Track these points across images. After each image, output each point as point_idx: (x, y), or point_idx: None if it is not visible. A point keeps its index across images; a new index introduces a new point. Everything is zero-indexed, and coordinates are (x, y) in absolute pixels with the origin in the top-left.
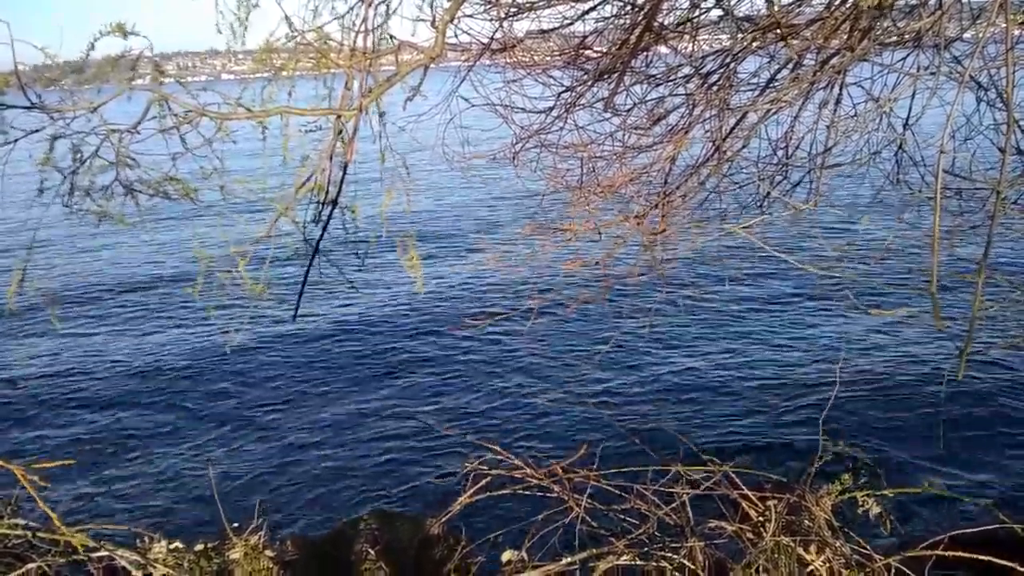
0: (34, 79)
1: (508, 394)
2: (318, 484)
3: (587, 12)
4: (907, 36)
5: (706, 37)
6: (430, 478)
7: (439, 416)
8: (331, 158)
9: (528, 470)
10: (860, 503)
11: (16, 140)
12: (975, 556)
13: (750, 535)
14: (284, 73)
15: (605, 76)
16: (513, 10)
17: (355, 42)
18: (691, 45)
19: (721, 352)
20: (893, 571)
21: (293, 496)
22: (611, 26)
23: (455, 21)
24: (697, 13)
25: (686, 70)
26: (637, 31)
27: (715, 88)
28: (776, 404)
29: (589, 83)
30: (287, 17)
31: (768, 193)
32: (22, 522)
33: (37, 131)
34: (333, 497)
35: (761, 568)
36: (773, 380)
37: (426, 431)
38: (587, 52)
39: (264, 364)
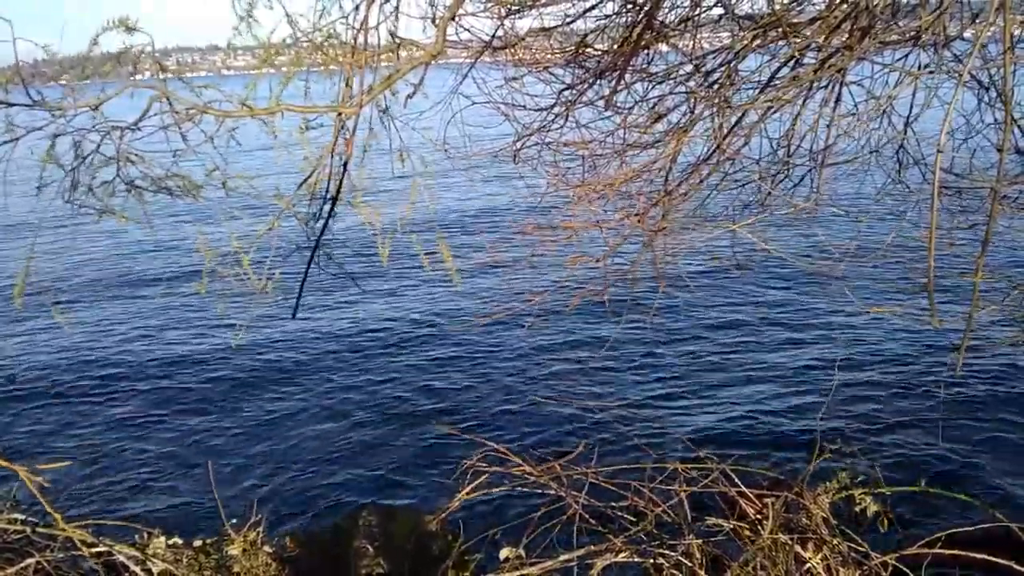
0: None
1: (507, 391)
2: (317, 480)
3: (588, 10)
4: (907, 35)
5: (707, 35)
6: (428, 474)
7: (438, 413)
8: (332, 155)
9: (526, 467)
10: (857, 501)
11: (18, 138)
12: (972, 555)
13: (748, 532)
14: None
15: (606, 74)
16: (514, 8)
17: (356, 40)
18: (692, 43)
19: (720, 350)
20: (890, 569)
21: (292, 492)
22: (612, 24)
23: (456, 19)
24: (698, 11)
25: (687, 68)
26: (638, 29)
27: (716, 86)
28: (774, 402)
29: (590, 81)
30: (288, 16)
31: (769, 191)
32: (21, 517)
33: (40, 128)
34: (332, 493)
35: (759, 565)
36: (771, 378)
37: (425, 428)
38: (588, 50)
39: (263, 361)
